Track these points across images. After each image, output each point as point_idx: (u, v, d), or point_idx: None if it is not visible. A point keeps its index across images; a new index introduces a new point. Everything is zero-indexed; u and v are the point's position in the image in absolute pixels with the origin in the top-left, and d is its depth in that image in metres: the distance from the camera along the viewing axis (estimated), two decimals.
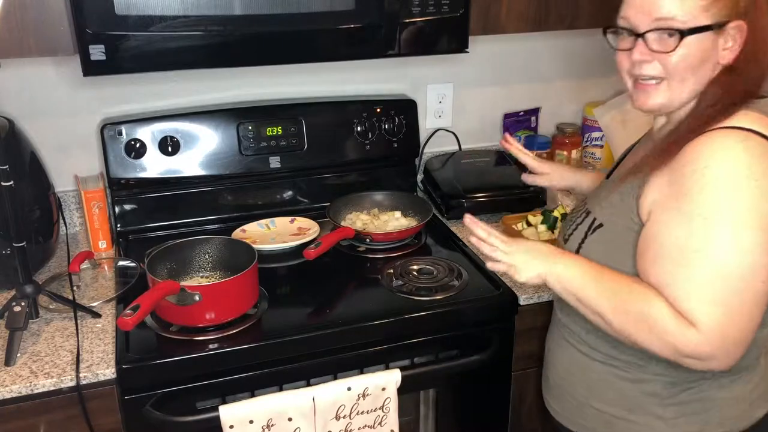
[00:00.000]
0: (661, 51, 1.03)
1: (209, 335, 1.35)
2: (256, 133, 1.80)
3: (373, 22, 1.53)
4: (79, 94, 1.75)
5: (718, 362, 1.01)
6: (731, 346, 1.00)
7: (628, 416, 1.16)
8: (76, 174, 1.79)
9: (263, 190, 1.86)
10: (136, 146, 1.71)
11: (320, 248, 1.56)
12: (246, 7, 1.43)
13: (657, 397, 1.13)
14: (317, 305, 1.51)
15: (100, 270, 1.65)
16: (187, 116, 1.77)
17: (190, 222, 1.80)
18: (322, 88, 1.93)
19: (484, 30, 1.67)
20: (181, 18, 1.40)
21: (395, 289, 1.52)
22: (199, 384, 1.33)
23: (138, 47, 1.40)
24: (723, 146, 0.98)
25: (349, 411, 1.37)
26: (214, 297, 1.34)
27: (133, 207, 1.77)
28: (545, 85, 2.15)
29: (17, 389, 1.24)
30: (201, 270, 1.53)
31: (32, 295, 1.41)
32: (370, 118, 1.90)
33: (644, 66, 1.06)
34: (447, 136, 2.09)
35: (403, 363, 1.45)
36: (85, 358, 1.31)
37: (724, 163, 0.97)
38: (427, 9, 1.55)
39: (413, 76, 2.01)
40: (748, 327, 1.00)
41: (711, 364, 1.02)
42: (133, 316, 1.23)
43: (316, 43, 1.53)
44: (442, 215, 1.87)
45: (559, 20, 1.72)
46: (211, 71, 1.81)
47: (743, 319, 0.99)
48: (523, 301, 1.51)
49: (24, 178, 1.56)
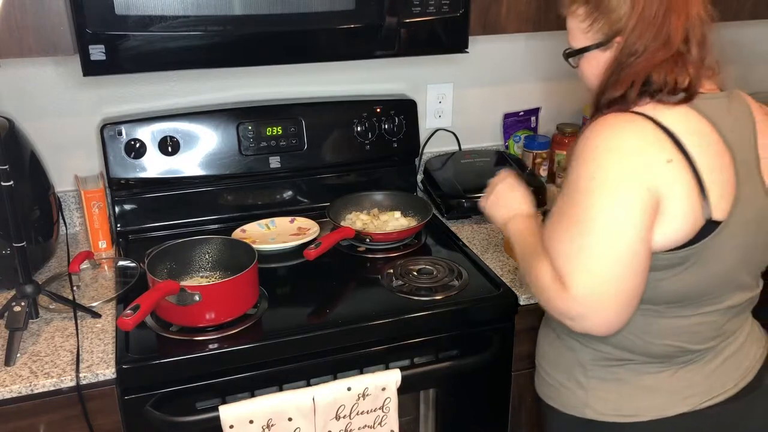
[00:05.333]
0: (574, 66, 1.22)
1: (209, 335, 1.35)
2: (256, 133, 1.80)
3: (373, 22, 1.53)
4: (79, 94, 1.75)
5: (592, 324, 1.06)
6: (603, 309, 1.04)
7: (564, 382, 1.25)
8: (76, 174, 1.79)
9: (263, 190, 1.86)
10: (136, 146, 1.71)
11: (320, 248, 1.55)
12: (246, 7, 1.43)
13: (583, 367, 1.22)
14: (317, 305, 1.51)
15: (100, 270, 1.65)
16: (187, 116, 1.77)
17: (190, 222, 1.80)
18: (322, 88, 1.93)
19: (484, 30, 1.67)
20: (181, 18, 1.40)
21: (395, 289, 1.52)
22: (199, 384, 1.33)
23: (138, 47, 1.40)
24: (606, 123, 1.07)
25: (349, 411, 1.37)
26: (214, 297, 1.34)
27: (133, 207, 1.76)
28: (545, 85, 2.15)
29: (17, 389, 1.24)
30: (201, 270, 1.53)
31: (32, 295, 1.41)
32: (370, 118, 1.90)
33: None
34: (447, 136, 2.09)
35: (403, 363, 1.45)
36: (85, 358, 1.31)
37: (600, 136, 1.06)
38: (427, 9, 1.55)
39: (413, 76, 2.01)
40: (620, 289, 1.04)
41: (585, 325, 1.06)
42: (133, 316, 1.23)
43: (316, 43, 1.53)
44: (442, 215, 1.87)
45: (559, 20, 1.72)
46: (211, 71, 1.81)
47: (612, 282, 1.03)
48: (523, 301, 1.51)
49: (24, 178, 1.56)
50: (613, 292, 1.03)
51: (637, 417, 1.18)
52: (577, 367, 1.23)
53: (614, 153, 1.04)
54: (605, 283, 1.03)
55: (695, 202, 1.04)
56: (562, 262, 1.06)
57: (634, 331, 1.15)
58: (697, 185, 1.04)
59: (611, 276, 1.03)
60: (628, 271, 1.03)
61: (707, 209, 1.05)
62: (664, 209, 1.04)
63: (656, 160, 1.03)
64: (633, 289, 1.05)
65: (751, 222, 1.10)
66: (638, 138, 1.05)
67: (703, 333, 1.16)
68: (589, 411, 1.22)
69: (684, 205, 1.04)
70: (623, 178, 1.03)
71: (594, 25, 1.13)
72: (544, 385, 1.31)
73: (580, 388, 1.23)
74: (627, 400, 1.19)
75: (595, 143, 1.06)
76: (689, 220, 1.05)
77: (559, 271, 1.07)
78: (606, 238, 1.03)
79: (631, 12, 1.08)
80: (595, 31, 1.14)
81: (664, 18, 1.07)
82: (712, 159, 1.06)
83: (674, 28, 1.07)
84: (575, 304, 1.04)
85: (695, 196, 1.04)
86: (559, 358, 1.27)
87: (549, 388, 1.30)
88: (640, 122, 1.05)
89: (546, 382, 1.31)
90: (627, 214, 1.02)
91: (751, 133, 1.14)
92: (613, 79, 1.11)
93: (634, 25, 1.08)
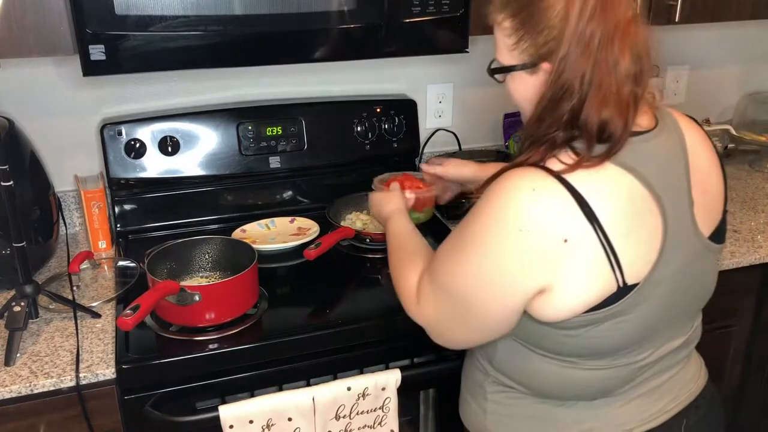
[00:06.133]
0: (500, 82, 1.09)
1: (209, 335, 1.35)
2: (256, 133, 1.80)
3: (373, 22, 1.53)
4: (79, 94, 1.75)
5: (436, 340, 1.14)
6: (441, 340, 1.13)
7: (470, 400, 1.26)
8: (76, 174, 1.79)
9: (263, 190, 1.86)
10: (136, 146, 1.71)
11: (320, 248, 1.55)
12: (246, 7, 1.43)
13: (484, 390, 1.21)
14: (317, 305, 1.51)
15: (100, 270, 1.65)
16: (187, 116, 1.77)
17: (190, 222, 1.80)
18: (322, 88, 1.93)
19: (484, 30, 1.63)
20: (181, 18, 1.40)
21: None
22: (198, 384, 1.33)
23: (138, 47, 1.40)
24: (514, 187, 0.97)
25: (349, 411, 1.37)
26: (214, 297, 1.34)
27: (133, 207, 1.76)
28: None
29: (17, 389, 1.24)
30: (201, 270, 1.53)
31: (32, 295, 1.41)
32: (370, 118, 1.90)
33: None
34: (447, 136, 2.09)
35: (403, 363, 1.45)
36: (84, 358, 1.31)
37: (504, 199, 0.97)
38: (427, 9, 1.54)
39: (413, 76, 2.01)
40: (459, 335, 1.10)
41: (432, 336, 1.14)
42: (132, 316, 1.23)
43: (316, 43, 1.53)
44: (442, 215, 1.87)
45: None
46: (211, 71, 1.81)
47: (454, 327, 1.09)
48: None
49: (24, 178, 1.56)
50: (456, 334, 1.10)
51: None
52: (479, 388, 1.22)
53: (507, 225, 0.96)
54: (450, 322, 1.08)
55: (602, 272, 0.96)
56: (426, 281, 1.11)
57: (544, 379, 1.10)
58: (606, 254, 0.95)
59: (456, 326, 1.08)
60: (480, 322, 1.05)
61: (619, 276, 0.97)
62: (556, 284, 0.96)
63: (551, 241, 0.94)
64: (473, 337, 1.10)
65: (676, 274, 1.02)
66: (540, 213, 0.94)
67: (615, 384, 1.09)
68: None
69: (587, 275, 0.96)
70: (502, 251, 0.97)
71: (520, 44, 1.00)
72: (460, 398, 1.32)
73: (481, 409, 1.22)
74: (522, 428, 1.17)
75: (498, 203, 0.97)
76: (596, 289, 0.97)
77: (420, 286, 1.13)
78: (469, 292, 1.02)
79: (561, 36, 0.94)
80: (521, 51, 1.00)
81: (603, 47, 0.93)
82: (631, 220, 0.97)
83: (617, 60, 0.94)
84: (422, 321, 1.14)
85: (602, 266, 0.96)
86: (470, 376, 1.26)
87: (462, 402, 1.30)
88: (550, 191, 0.94)
89: (461, 396, 1.31)
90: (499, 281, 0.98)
91: (683, 173, 1.04)
92: (541, 116, 0.99)
93: (566, 52, 0.94)
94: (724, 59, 2.34)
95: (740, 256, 1.69)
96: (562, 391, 1.11)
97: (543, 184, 0.95)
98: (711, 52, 2.30)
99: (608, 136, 0.96)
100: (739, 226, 1.85)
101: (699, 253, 1.06)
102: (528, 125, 1.03)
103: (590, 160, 0.95)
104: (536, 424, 1.16)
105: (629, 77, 0.96)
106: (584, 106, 0.95)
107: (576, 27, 0.93)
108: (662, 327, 1.07)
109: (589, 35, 0.93)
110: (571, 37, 0.93)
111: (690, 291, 1.08)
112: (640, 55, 0.97)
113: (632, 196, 0.98)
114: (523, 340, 1.09)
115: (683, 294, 1.07)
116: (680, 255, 1.02)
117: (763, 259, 1.71)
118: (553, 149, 0.97)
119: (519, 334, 1.08)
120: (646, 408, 1.13)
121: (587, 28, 0.93)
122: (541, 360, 1.08)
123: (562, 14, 0.93)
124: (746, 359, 1.91)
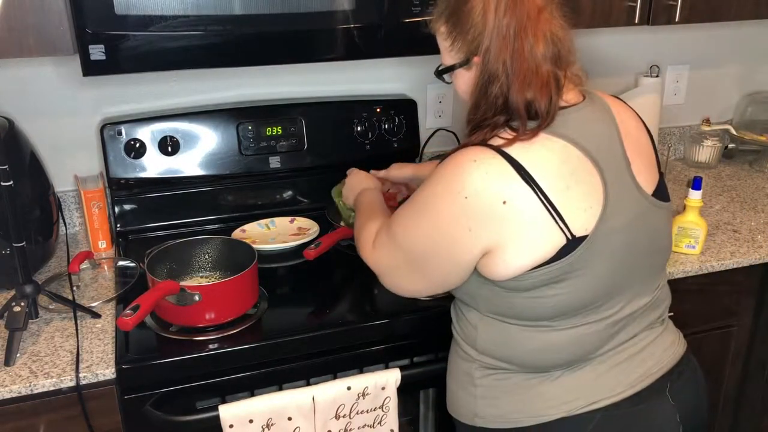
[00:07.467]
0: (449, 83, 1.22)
1: (209, 335, 1.35)
2: (256, 133, 1.80)
3: (373, 22, 1.53)
4: (79, 94, 1.75)
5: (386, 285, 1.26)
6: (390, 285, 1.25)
7: (457, 391, 1.29)
8: (76, 174, 1.79)
9: (263, 190, 1.86)
10: (136, 146, 1.71)
11: (320, 248, 1.56)
12: (246, 7, 1.43)
13: (471, 376, 1.25)
14: (317, 305, 1.51)
15: (100, 270, 1.65)
16: (186, 116, 1.77)
17: (190, 222, 1.80)
18: (322, 88, 1.93)
19: None
20: (181, 18, 1.40)
21: None
22: (198, 384, 1.33)
23: (138, 47, 1.40)
24: (457, 161, 1.10)
25: (349, 410, 1.37)
26: (214, 297, 1.34)
27: (133, 207, 1.77)
28: None
29: (17, 389, 1.24)
30: (201, 270, 1.53)
31: (32, 295, 1.41)
32: (370, 118, 1.90)
33: None
34: (447, 136, 2.09)
35: (403, 363, 1.45)
36: (84, 358, 1.31)
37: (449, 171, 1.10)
38: (427, 9, 1.54)
39: (413, 76, 2.01)
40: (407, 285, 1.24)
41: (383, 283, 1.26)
42: (132, 316, 1.23)
43: (316, 43, 1.53)
44: None
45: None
46: (211, 71, 1.81)
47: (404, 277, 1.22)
48: None
49: (24, 178, 1.56)
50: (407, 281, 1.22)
51: (519, 422, 1.19)
52: (467, 376, 1.25)
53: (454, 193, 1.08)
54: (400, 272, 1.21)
55: (546, 226, 1.06)
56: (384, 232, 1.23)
57: (525, 348, 1.16)
58: (547, 209, 1.06)
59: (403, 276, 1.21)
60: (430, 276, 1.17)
61: (564, 228, 1.06)
62: (504, 243, 1.07)
63: (492, 204, 1.06)
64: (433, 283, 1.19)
65: (626, 227, 1.11)
66: (480, 181, 1.06)
67: (591, 343, 1.16)
68: (478, 419, 1.23)
69: (531, 231, 1.06)
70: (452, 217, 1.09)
71: (455, 44, 1.14)
72: (447, 394, 1.33)
73: (471, 396, 1.25)
74: (510, 407, 1.20)
75: (447, 174, 1.10)
76: (544, 243, 1.07)
77: (377, 236, 1.25)
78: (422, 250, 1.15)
79: (483, 31, 1.09)
80: (457, 50, 1.15)
81: (518, 36, 1.07)
82: (568, 177, 1.07)
83: (532, 46, 1.07)
84: (373, 265, 1.27)
85: (545, 221, 1.06)
86: (457, 368, 1.29)
87: (450, 396, 1.32)
88: (489, 161, 1.07)
89: (449, 391, 1.32)
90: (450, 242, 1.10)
91: (615, 137, 1.15)
92: (477, 103, 1.13)
93: (488, 45, 1.08)
94: (724, 59, 2.34)
95: (740, 256, 1.69)
96: (543, 359, 1.17)
97: (483, 156, 1.08)
98: (711, 52, 2.30)
99: (536, 113, 1.09)
100: (739, 226, 1.85)
101: (647, 209, 1.15)
102: (468, 113, 1.17)
103: (525, 134, 1.08)
104: (524, 401, 1.19)
105: (546, 59, 1.09)
106: (510, 90, 1.08)
107: (494, 22, 1.07)
108: (624, 282, 1.15)
109: (505, 27, 1.07)
110: (491, 31, 1.08)
111: (644, 245, 1.16)
112: (554, 39, 1.10)
113: (567, 157, 1.09)
114: (497, 313, 1.17)
115: (638, 247, 1.15)
116: (626, 208, 1.12)
117: (763, 259, 1.71)
118: (494, 130, 1.11)
119: (492, 309, 1.17)
120: (629, 373, 1.19)
121: (503, 21, 1.07)
122: (518, 330, 1.16)
123: (482, 13, 1.08)
124: (746, 359, 1.91)
